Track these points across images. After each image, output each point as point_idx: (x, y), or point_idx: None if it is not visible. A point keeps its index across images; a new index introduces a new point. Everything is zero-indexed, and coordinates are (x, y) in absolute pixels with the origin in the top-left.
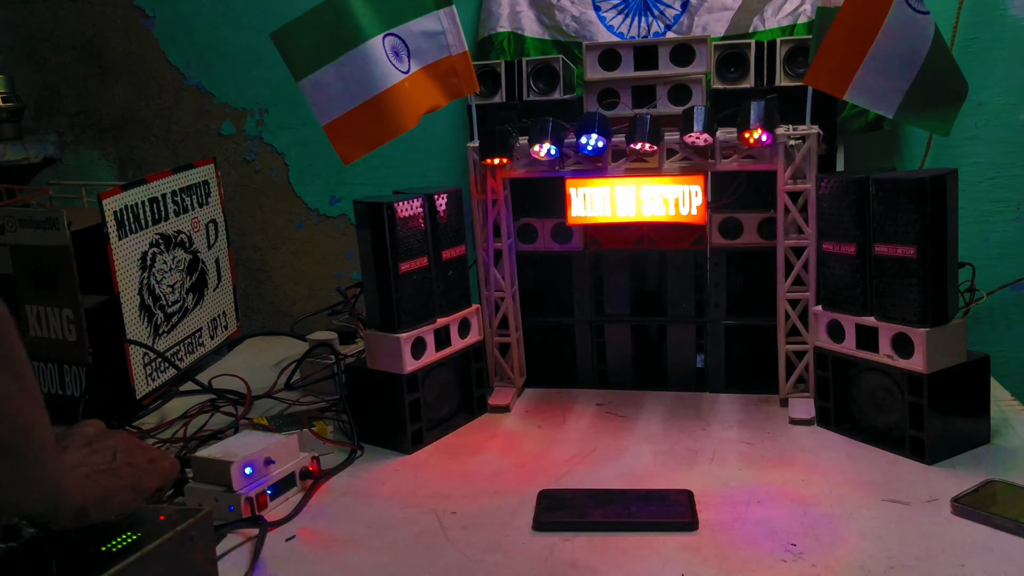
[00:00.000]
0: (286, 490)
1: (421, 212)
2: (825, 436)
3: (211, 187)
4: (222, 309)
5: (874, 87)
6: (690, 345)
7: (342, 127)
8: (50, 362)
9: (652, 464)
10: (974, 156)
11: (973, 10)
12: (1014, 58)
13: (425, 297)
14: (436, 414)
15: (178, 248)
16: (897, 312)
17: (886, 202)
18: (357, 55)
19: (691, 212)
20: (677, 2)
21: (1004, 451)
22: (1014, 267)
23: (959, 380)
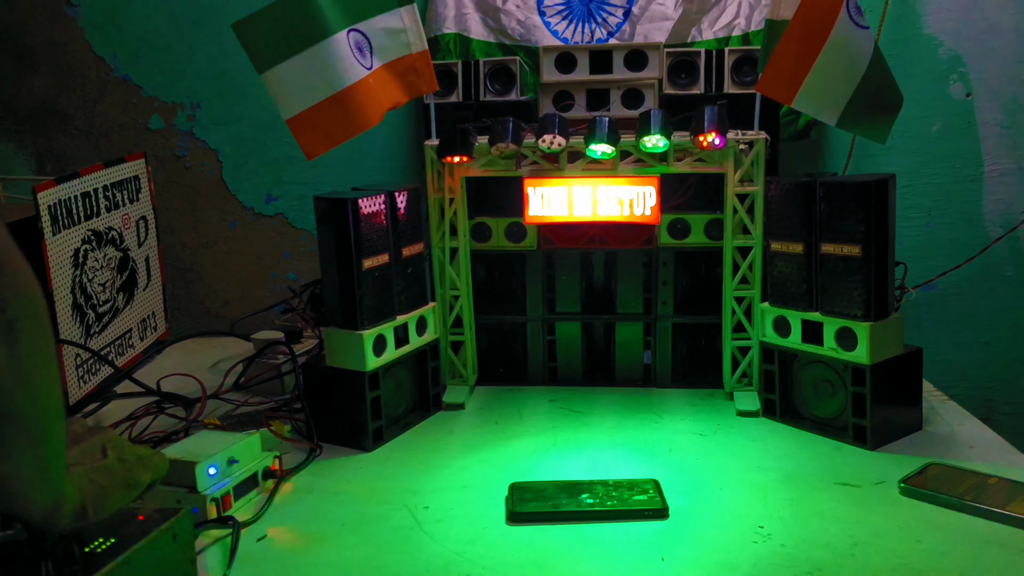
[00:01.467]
0: (249, 490)
1: (383, 209)
2: (772, 426)
3: (141, 183)
4: (151, 310)
5: (819, 96)
6: (638, 342)
7: (306, 121)
8: None
9: (614, 456)
10: (889, 165)
11: (892, 27)
12: (927, 73)
13: (386, 294)
14: (393, 412)
15: (109, 245)
16: (842, 307)
17: (833, 204)
18: (322, 49)
19: (645, 212)
20: (619, 10)
21: (936, 436)
22: (925, 269)
23: (897, 371)
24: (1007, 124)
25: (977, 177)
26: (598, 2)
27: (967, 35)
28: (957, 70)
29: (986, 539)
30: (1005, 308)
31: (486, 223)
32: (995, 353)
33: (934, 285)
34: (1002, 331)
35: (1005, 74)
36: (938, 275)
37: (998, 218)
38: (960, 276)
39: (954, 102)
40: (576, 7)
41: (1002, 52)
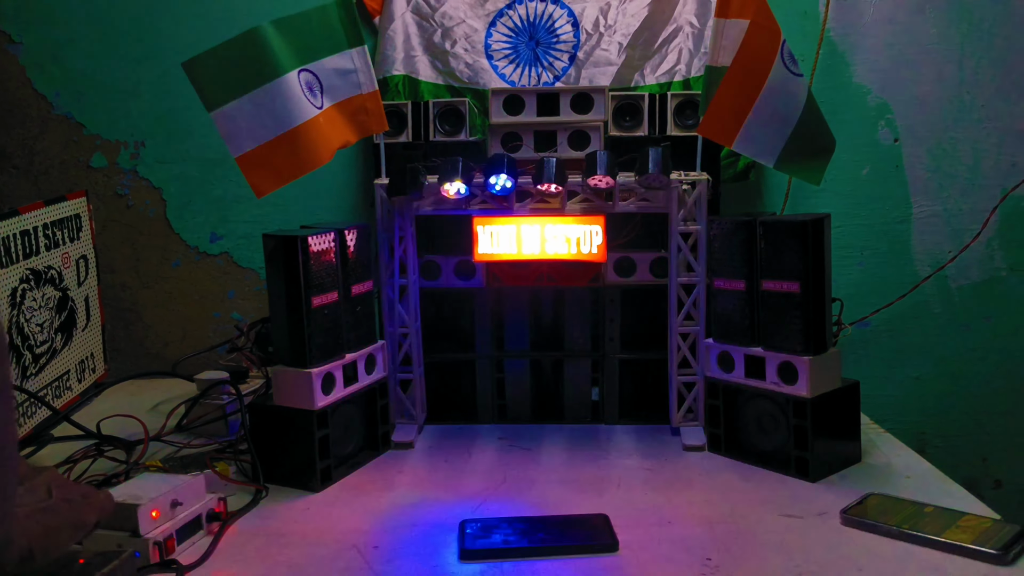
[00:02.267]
0: (192, 533)
1: (333, 247)
2: (717, 460)
3: (83, 221)
4: (90, 351)
5: (757, 139)
6: (586, 379)
7: (256, 160)
8: None
9: (563, 492)
10: (823, 207)
11: (824, 75)
12: (857, 119)
13: (335, 332)
14: (342, 451)
15: (48, 285)
16: (782, 342)
17: (772, 242)
18: (273, 89)
19: (592, 250)
20: (565, 55)
21: (874, 468)
22: (860, 306)
23: (836, 404)
24: (932, 168)
25: (906, 218)
26: (544, 47)
27: (893, 83)
28: (885, 116)
29: (925, 566)
30: (934, 344)
31: (435, 261)
32: (926, 387)
33: (868, 322)
34: (932, 366)
35: (929, 121)
36: (872, 312)
37: (926, 257)
38: (892, 313)
39: (883, 147)
40: (523, 51)
41: (926, 100)
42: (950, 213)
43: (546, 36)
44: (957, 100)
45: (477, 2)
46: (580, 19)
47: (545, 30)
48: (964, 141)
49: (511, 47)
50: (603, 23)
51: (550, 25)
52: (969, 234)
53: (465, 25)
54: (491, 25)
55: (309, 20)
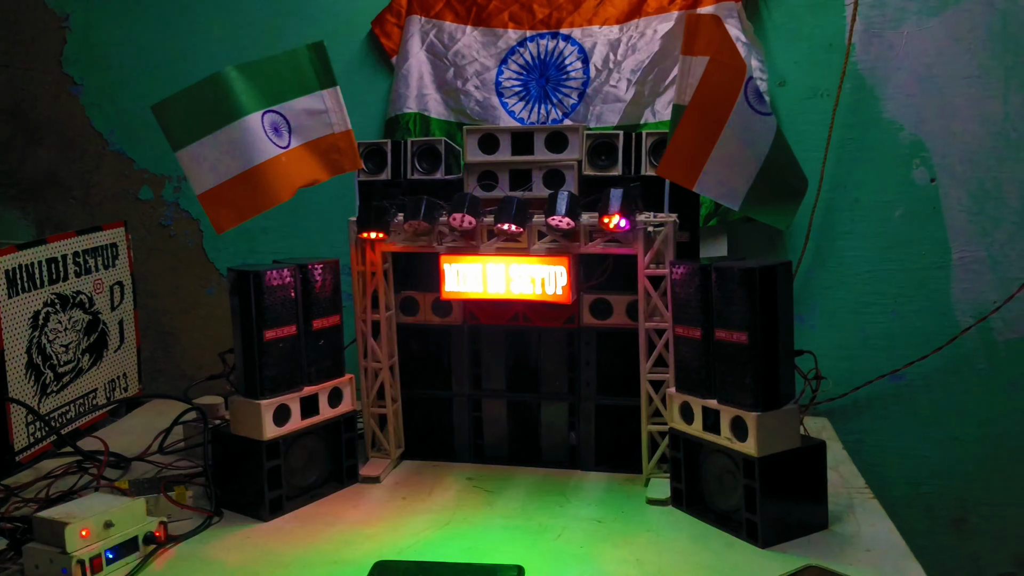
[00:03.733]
0: (128, 554)
1: (291, 281)
2: (677, 517)
3: (119, 250)
4: (123, 371)
5: (720, 181)
6: (563, 422)
7: (217, 197)
8: None
9: (499, 539)
10: (852, 250)
11: (849, 112)
12: (887, 158)
13: (292, 365)
14: (302, 481)
15: (76, 308)
16: (734, 396)
17: (724, 290)
18: (234, 129)
19: (556, 292)
20: (574, 92)
21: (839, 538)
22: (892, 358)
23: (791, 465)
24: (974, 210)
25: (944, 264)
26: (554, 84)
27: (928, 119)
28: (919, 155)
29: None
30: (977, 403)
31: (414, 297)
32: (968, 450)
33: (902, 375)
34: (974, 427)
35: (970, 159)
36: (904, 365)
37: (968, 307)
38: (928, 367)
39: (917, 187)
40: (533, 89)
41: (965, 136)
42: (995, 259)
43: (556, 73)
44: (1001, 137)
45: (490, 41)
46: (590, 55)
47: (555, 67)
48: (1010, 181)
49: (521, 84)
50: (612, 59)
51: (560, 62)
52: (1016, 283)
53: (477, 63)
54: (502, 63)
55: (277, 63)
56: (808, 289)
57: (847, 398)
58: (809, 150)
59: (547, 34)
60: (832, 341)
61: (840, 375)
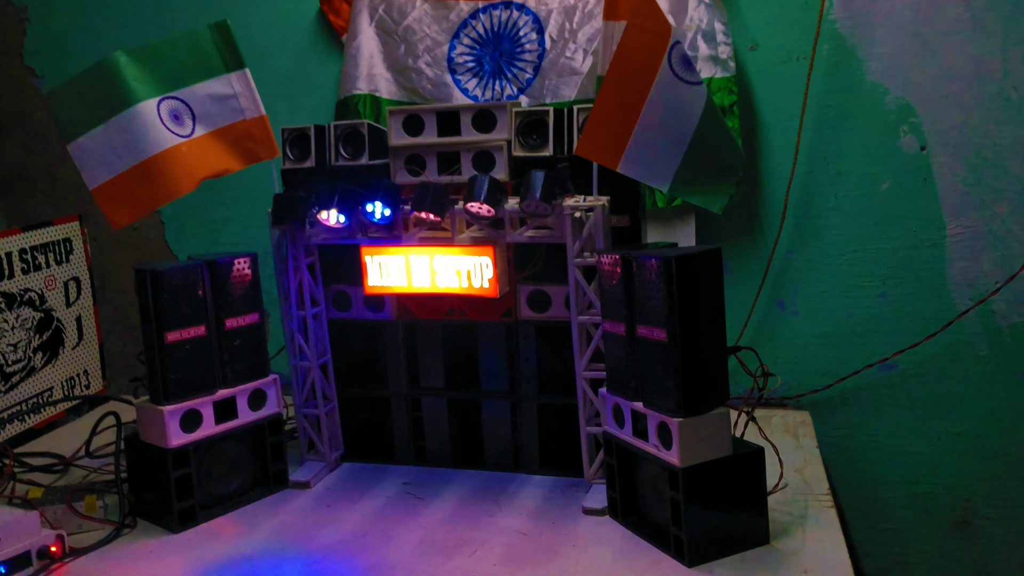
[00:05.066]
0: (20, 569)
1: (196, 279)
2: (609, 529)
3: (74, 245)
4: (83, 367)
5: (646, 160)
6: (505, 422)
7: (111, 191)
8: None
9: (409, 555)
10: (835, 228)
11: (829, 76)
12: (872, 125)
13: (201, 368)
14: (223, 489)
15: (25, 306)
16: (657, 399)
17: (644, 281)
18: (125, 119)
19: (483, 284)
20: (530, 67)
21: (777, 555)
22: (882, 345)
23: (721, 475)
24: (971, 180)
25: (938, 241)
26: (508, 58)
27: (918, 81)
28: (908, 120)
29: None
30: (979, 394)
31: (346, 291)
32: (971, 446)
33: (893, 364)
34: (977, 420)
35: (965, 124)
36: (895, 352)
37: (966, 288)
38: (923, 355)
39: (906, 156)
40: (487, 64)
41: (960, 98)
42: (995, 235)
43: (510, 46)
44: (1000, 97)
45: (441, 14)
46: (545, 25)
47: (509, 39)
48: (1011, 147)
49: (474, 59)
50: (568, 28)
51: (515, 34)
52: (1020, 261)
53: (428, 39)
54: (454, 37)
55: (175, 46)
56: (788, 272)
57: (833, 390)
58: (785, 119)
59: (500, 4)
60: (816, 328)
61: (825, 365)
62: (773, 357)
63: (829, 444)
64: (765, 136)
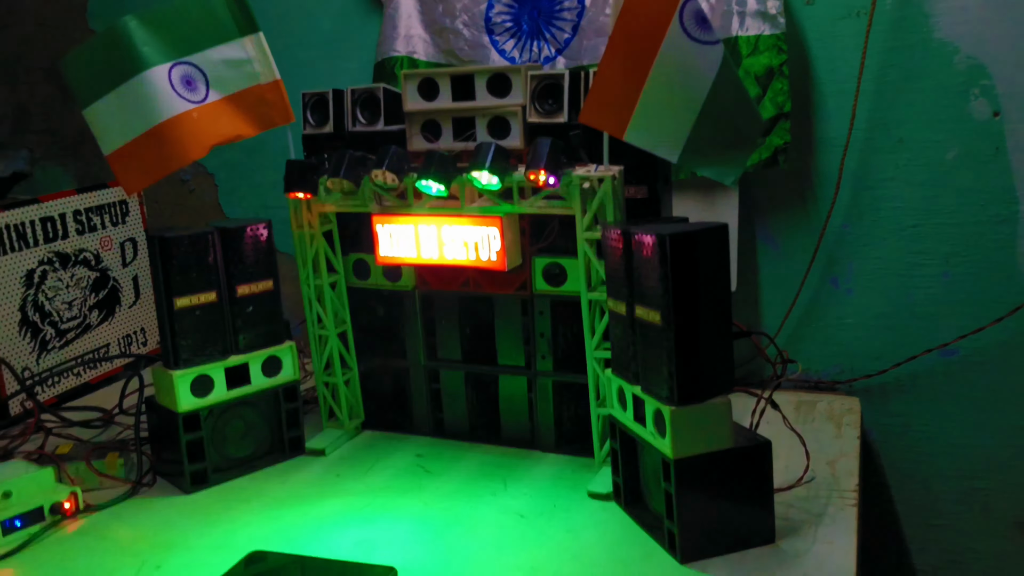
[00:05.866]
0: (31, 524)
1: (206, 246)
2: (611, 516)
3: (130, 207)
4: (140, 325)
5: (655, 127)
6: (522, 399)
7: (125, 157)
8: None
9: (401, 531)
10: (894, 200)
11: (891, 33)
12: (939, 88)
13: (212, 333)
14: (237, 453)
15: (80, 266)
16: (654, 385)
17: (640, 259)
18: (137, 84)
19: (491, 257)
20: (568, 26)
21: (780, 557)
22: (942, 329)
23: (720, 469)
24: None
25: (1010, 217)
26: (547, 17)
27: (992, 39)
28: (979, 83)
29: None
30: None
31: (365, 259)
32: None
33: (954, 349)
34: None
35: None
36: (957, 337)
37: None
38: (987, 340)
39: (976, 123)
40: (525, 23)
41: None
42: None
43: (549, 5)
44: None
45: None
46: None
47: None
48: None
49: (512, 19)
50: None
51: None
52: None
53: None
54: None
55: (187, 10)
56: (842, 248)
57: (888, 375)
58: (842, 81)
59: None
60: (871, 309)
61: (880, 348)
62: (823, 338)
63: (882, 433)
64: (820, 99)
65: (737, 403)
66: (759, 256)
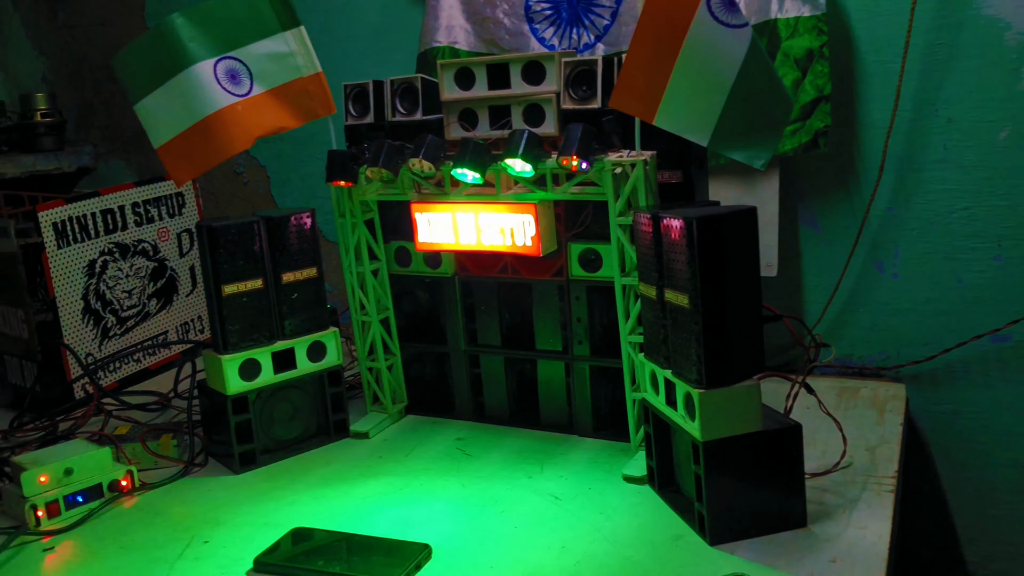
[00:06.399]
0: (90, 500)
1: (252, 234)
2: (644, 499)
3: (186, 199)
4: (197, 313)
5: (684, 111)
6: (560, 383)
7: (174, 150)
8: (14, 356)
9: (438, 510)
10: (943, 182)
11: (938, 10)
12: (989, 66)
13: (259, 319)
14: (285, 435)
15: (138, 256)
16: (683, 368)
17: (669, 243)
18: (183, 79)
19: (526, 243)
20: (607, 12)
21: (810, 540)
22: (994, 314)
23: (750, 451)
24: None
25: None
26: (585, 4)
27: None
28: None
29: None
30: None
31: (406, 247)
32: None
33: (1007, 335)
34: None
35: None
36: (1010, 322)
37: None
38: None
39: None
40: (564, 11)
41: None
42: None
43: None
44: None
45: None
46: None
47: None
48: None
49: (552, 7)
50: None
51: None
52: None
53: None
54: None
55: (231, 7)
56: (889, 231)
57: (937, 361)
58: (887, 60)
59: None
60: (919, 294)
61: (929, 334)
62: (869, 323)
63: (931, 421)
64: (864, 79)
65: (775, 389)
66: (801, 241)
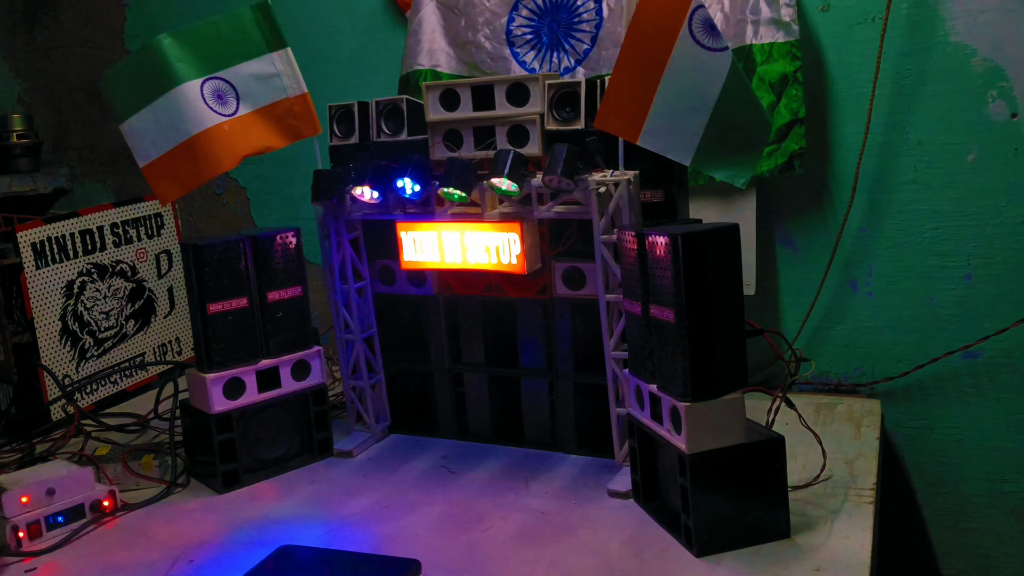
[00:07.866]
0: (72, 521)
1: (237, 253)
2: (630, 513)
3: (165, 219)
4: (175, 335)
5: (667, 132)
6: (543, 400)
7: (159, 169)
8: None
9: (426, 527)
10: (914, 203)
11: (908, 37)
12: (957, 91)
13: (243, 338)
14: (268, 454)
15: (116, 277)
16: (668, 382)
17: (654, 260)
18: (170, 99)
19: (511, 261)
20: (587, 37)
21: (794, 550)
22: (965, 331)
23: (734, 463)
24: None
25: None
26: (565, 28)
27: (1009, 41)
28: (997, 85)
29: None
30: None
31: (390, 266)
32: None
33: (978, 351)
34: None
35: None
36: (981, 339)
37: None
38: (1011, 342)
39: (995, 125)
40: (544, 35)
41: None
42: None
43: (567, 16)
44: None
45: None
46: None
47: (567, 9)
48: None
49: (532, 31)
50: None
51: (572, 4)
52: None
53: (488, 11)
54: (513, 9)
55: (218, 28)
56: (861, 251)
57: (911, 377)
58: (859, 85)
59: None
60: (892, 311)
61: (902, 351)
62: (844, 341)
63: (906, 437)
64: (836, 103)
65: (756, 405)
66: (778, 260)
